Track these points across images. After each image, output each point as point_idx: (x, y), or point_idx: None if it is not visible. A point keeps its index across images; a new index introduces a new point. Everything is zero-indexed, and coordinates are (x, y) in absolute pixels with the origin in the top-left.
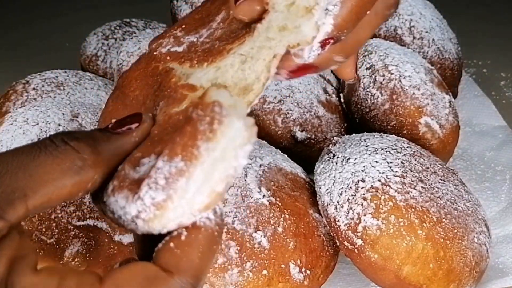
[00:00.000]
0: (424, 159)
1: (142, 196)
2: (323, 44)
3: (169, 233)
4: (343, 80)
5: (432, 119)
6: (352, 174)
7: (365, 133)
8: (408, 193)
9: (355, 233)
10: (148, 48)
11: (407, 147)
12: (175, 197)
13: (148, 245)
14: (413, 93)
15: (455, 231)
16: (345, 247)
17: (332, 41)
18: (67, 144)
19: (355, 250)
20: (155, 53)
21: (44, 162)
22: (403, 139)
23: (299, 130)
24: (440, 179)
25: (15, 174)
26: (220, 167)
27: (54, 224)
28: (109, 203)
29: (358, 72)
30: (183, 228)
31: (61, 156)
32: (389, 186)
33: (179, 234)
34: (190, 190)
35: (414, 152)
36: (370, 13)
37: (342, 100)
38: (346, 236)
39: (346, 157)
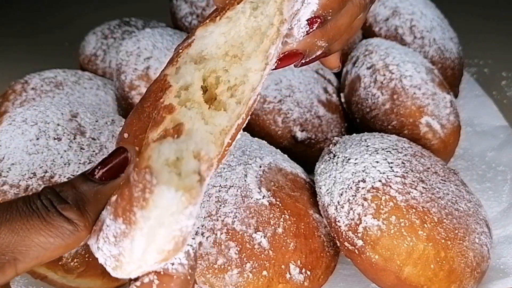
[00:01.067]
0: (425, 159)
1: (100, 247)
2: (310, 22)
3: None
4: (329, 68)
5: (433, 119)
6: (352, 175)
7: (365, 133)
8: (409, 194)
9: (356, 234)
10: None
11: (408, 147)
12: (126, 254)
13: None
14: (414, 93)
15: (456, 231)
16: (346, 247)
17: (319, 20)
18: (57, 211)
19: (356, 250)
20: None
21: (36, 227)
22: (404, 139)
23: (299, 130)
24: (441, 179)
25: (6, 235)
26: (161, 231)
27: None
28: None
29: (341, 61)
30: (155, 275)
31: (53, 223)
32: (390, 186)
33: (150, 281)
34: (136, 251)
35: (415, 152)
36: (349, 2)
37: (342, 100)
38: (347, 237)
39: (346, 157)
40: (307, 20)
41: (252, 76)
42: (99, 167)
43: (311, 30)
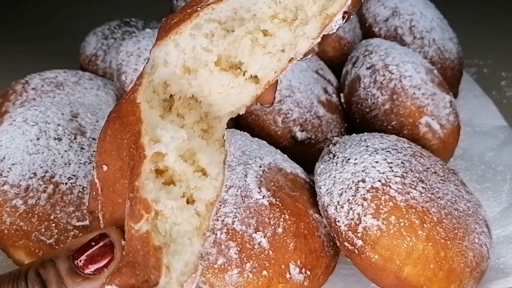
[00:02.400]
0: (424, 159)
1: None
2: (343, 17)
3: None
4: (262, 103)
5: (432, 119)
6: (352, 175)
7: (365, 133)
8: (409, 194)
9: (356, 234)
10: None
11: (408, 147)
12: None
13: None
14: (414, 93)
15: (456, 231)
16: (345, 247)
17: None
18: None
19: (355, 250)
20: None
21: None
22: (404, 139)
23: (299, 130)
24: (441, 179)
25: None
26: None
27: (53, 225)
28: None
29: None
30: None
31: None
32: (390, 186)
33: None
34: None
35: (415, 152)
36: None
37: (342, 100)
38: (346, 237)
39: (346, 157)
40: (343, 12)
41: (302, 43)
42: (82, 258)
43: (342, 22)
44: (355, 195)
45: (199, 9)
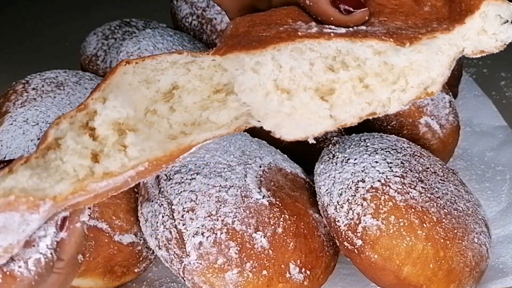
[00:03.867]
0: (424, 159)
1: None
2: None
3: None
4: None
5: (432, 119)
6: (352, 175)
7: (365, 133)
8: (408, 193)
9: (355, 234)
10: None
11: (407, 147)
12: None
13: None
14: None
15: (455, 231)
16: (345, 247)
17: None
18: None
19: (355, 250)
20: None
21: None
22: (403, 139)
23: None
24: (440, 179)
25: None
26: None
27: None
28: None
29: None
30: (1, 273)
31: None
32: (389, 186)
33: None
34: None
35: (414, 152)
36: None
37: None
38: (346, 237)
39: (346, 157)
40: None
41: (393, 106)
42: None
43: None
44: (354, 195)
45: (299, 33)
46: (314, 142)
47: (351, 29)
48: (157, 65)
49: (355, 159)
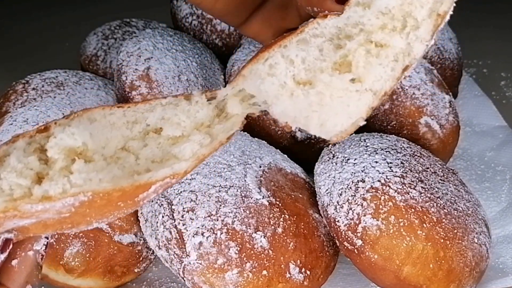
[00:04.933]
0: (424, 159)
1: None
2: None
3: None
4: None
5: (432, 119)
6: (351, 175)
7: (364, 133)
8: (408, 193)
9: (355, 234)
10: None
11: (407, 147)
12: None
13: None
14: (413, 93)
15: (455, 231)
16: (345, 247)
17: None
18: None
19: (355, 250)
20: None
21: None
22: (403, 139)
23: (299, 130)
24: (440, 179)
25: None
26: None
27: None
28: None
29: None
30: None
31: None
32: (389, 186)
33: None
34: None
35: (414, 152)
36: None
37: None
38: (346, 237)
39: (346, 157)
40: None
41: (417, 48)
42: None
43: None
44: (354, 195)
45: (299, 28)
46: (365, 122)
47: None
48: (150, 108)
49: (355, 159)
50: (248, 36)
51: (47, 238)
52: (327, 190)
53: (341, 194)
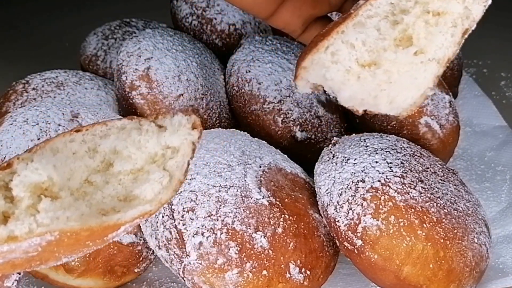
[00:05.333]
0: (424, 159)
1: None
2: None
3: None
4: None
5: (432, 119)
6: (352, 175)
7: (365, 133)
8: (408, 194)
9: (355, 234)
10: None
11: (407, 147)
12: None
13: None
14: None
15: (455, 231)
16: (345, 247)
17: None
18: None
19: (355, 250)
20: None
21: None
22: (403, 139)
23: (299, 130)
24: (440, 179)
25: None
26: None
27: None
28: None
29: None
30: None
31: None
32: (389, 186)
33: None
34: None
35: (414, 152)
36: None
37: None
38: (346, 237)
39: (346, 157)
40: None
41: (475, 9)
42: None
43: None
44: (354, 195)
45: (352, 11)
46: (434, 91)
47: None
48: (107, 131)
49: (355, 159)
50: (277, 27)
51: (19, 273)
52: (327, 190)
53: (341, 194)
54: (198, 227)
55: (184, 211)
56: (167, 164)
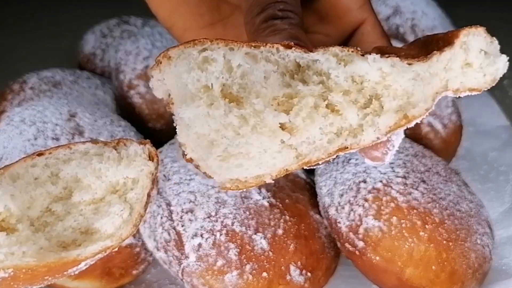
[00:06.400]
0: (426, 159)
1: None
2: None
3: None
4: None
5: (434, 118)
6: (353, 175)
7: None
8: (410, 194)
9: (357, 235)
10: None
11: (409, 147)
12: None
13: None
14: None
15: (458, 232)
16: (346, 249)
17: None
18: None
19: (357, 252)
20: None
21: None
22: (405, 138)
23: None
24: (443, 180)
25: None
26: None
27: None
28: None
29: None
30: None
31: None
32: (391, 187)
33: None
34: None
35: (416, 152)
36: None
37: None
38: (347, 238)
39: (347, 157)
40: None
41: (367, 134)
42: None
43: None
44: (356, 196)
45: (257, 42)
46: (272, 181)
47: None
48: (70, 155)
49: (357, 159)
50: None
51: None
52: (328, 190)
53: (342, 195)
54: (197, 229)
55: (183, 212)
56: (127, 195)
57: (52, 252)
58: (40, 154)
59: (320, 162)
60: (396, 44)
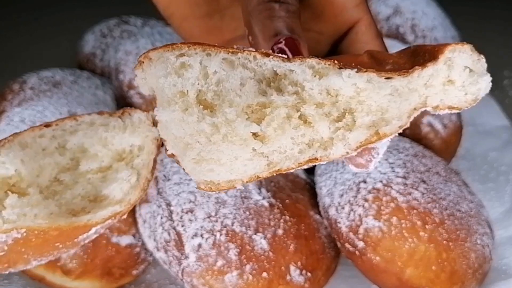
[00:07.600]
0: (426, 160)
1: None
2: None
3: None
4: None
5: (434, 118)
6: (353, 175)
7: None
8: (410, 194)
9: (357, 235)
10: None
11: (409, 147)
12: None
13: None
14: None
15: (458, 232)
16: (346, 249)
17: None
18: None
19: (357, 252)
20: None
21: None
22: (405, 138)
23: None
24: (443, 180)
25: None
26: None
27: None
28: None
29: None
30: None
31: None
32: (391, 187)
33: None
34: None
35: (416, 152)
36: None
37: None
38: (347, 238)
39: None
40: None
41: (337, 148)
42: None
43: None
44: (356, 196)
45: (235, 47)
46: (242, 187)
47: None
48: (77, 127)
49: None
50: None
51: None
52: (328, 191)
53: (342, 195)
54: (197, 229)
55: (183, 212)
56: (134, 162)
57: (63, 217)
58: (47, 125)
59: (292, 171)
60: (396, 44)
